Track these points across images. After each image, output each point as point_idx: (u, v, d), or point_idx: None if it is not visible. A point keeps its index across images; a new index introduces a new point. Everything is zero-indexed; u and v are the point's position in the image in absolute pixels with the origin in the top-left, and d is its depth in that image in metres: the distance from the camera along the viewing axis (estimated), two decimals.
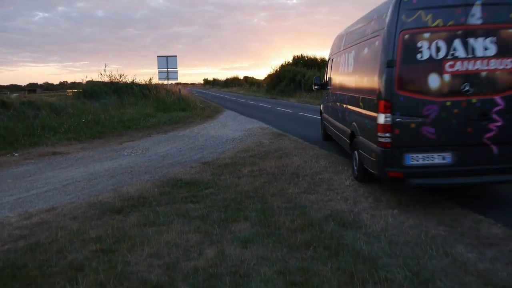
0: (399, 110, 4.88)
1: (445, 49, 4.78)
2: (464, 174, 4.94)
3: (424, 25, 4.80)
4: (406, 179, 4.94)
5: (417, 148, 4.91)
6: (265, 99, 34.85)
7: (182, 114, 18.99)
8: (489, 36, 4.75)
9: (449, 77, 4.78)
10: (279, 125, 14.39)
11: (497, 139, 4.83)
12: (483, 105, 4.79)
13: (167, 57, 28.30)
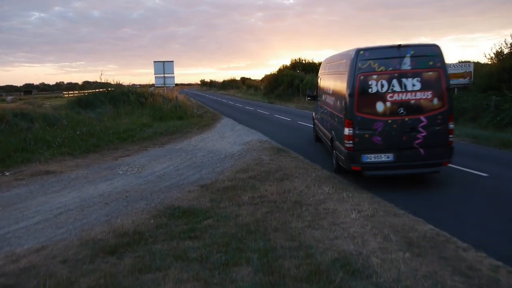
0: (357, 125, 7.32)
1: (386, 85, 7.18)
2: (401, 167, 7.41)
3: (373, 70, 7.24)
4: (363, 171, 7.44)
5: (370, 150, 7.33)
6: (263, 103, 34.56)
7: (179, 123, 18.66)
8: (415, 77, 7.17)
9: (389, 104, 7.21)
10: (279, 137, 14.10)
11: (423, 144, 7.25)
12: (413, 122, 7.20)
13: (164, 62, 28.02)
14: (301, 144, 12.79)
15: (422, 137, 7.22)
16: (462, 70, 16.27)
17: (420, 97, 7.20)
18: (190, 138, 15.15)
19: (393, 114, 7.18)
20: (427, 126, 7.21)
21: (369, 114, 7.26)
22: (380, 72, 7.21)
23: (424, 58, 7.28)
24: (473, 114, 14.19)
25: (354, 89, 7.27)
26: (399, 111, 7.17)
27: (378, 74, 7.21)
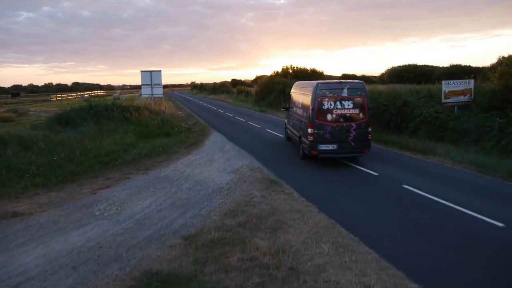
0: (316, 127, 11.89)
1: (333, 104, 11.83)
2: (340, 153, 12.14)
3: (325, 95, 11.91)
4: (318, 155, 12.09)
5: (322, 142, 11.89)
6: (254, 112, 33.69)
7: (166, 141, 17.73)
8: (350, 100, 11.83)
9: (334, 115, 11.87)
10: (270, 162, 13.24)
11: (353, 140, 11.85)
12: (348, 126, 11.82)
13: (151, 71, 27.11)
14: (295, 172, 11.96)
15: (353, 135, 12.08)
16: (462, 87, 15.55)
17: (352, 112, 12.10)
18: (176, 161, 14.24)
19: (337, 121, 12.11)
20: (356, 129, 12.08)
21: (323, 121, 12.13)
22: (330, 96, 12.13)
23: (355, 90, 12.20)
24: (475, 136, 13.47)
25: (315, 106, 12.16)
26: (340, 120, 12.11)
27: (328, 98, 12.11)
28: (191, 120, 28.83)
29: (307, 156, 12.99)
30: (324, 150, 12.17)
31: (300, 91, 14.72)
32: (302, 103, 13.76)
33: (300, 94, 14.53)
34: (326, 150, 12.18)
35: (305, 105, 13.20)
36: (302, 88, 14.55)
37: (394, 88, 21.05)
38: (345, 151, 12.26)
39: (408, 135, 16.12)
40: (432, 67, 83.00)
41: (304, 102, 13.37)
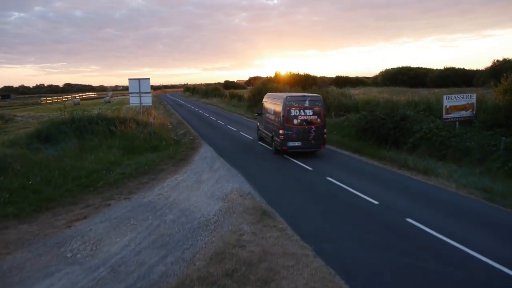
0: (285, 129, 15.50)
1: (298, 112, 15.61)
2: (304, 148, 15.83)
3: (292, 105, 15.72)
4: (287, 150, 15.80)
5: (290, 141, 15.54)
6: (246, 120, 32.83)
7: (153, 156, 16.82)
8: (310, 109, 15.68)
9: (299, 120, 15.65)
10: (263, 186, 12.38)
11: (313, 138, 15.68)
12: (309, 128, 15.62)
13: (139, 80, 26.23)
14: (290, 201, 11.09)
15: (312, 135, 15.66)
16: (464, 101, 14.79)
17: (312, 118, 15.73)
18: (163, 182, 13.36)
19: (301, 125, 15.67)
20: (315, 130, 15.69)
21: (290, 124, 15.63)
22: (295, 106, 15.72)
23: (314, 101, 15.92)
24: (479, 155, 12.71)
25: (285, 113, 15.65)
26: (303, 124, 15.68)
27: (294, 107, 15.68)
28: (181, 129, 27.92)
29: (278, 151, 16.92)
30: (291, 146, 15.96)
31: (272, 101, 18.44)
32: (274, 110, 17.42)
33: (272, 103, 18.17)
34: (293, 146, 15.98)
35: (276, 112, 16.94)
36: (273, 99, 18.34)
37: (392, 99, 20.23)
38: (307, 147, 16.11)
39: (407, 151, 15.35)
40: (426, 69, 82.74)
41: (276, 110, 17.03)
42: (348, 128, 20.24)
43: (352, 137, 19.18)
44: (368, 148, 16.80)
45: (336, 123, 22.21)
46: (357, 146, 17.39)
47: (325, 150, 17.82)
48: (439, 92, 49.19)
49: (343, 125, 20.90)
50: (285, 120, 15.78)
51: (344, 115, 22.41)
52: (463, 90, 45.81)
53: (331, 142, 19.39)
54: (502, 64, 52.27)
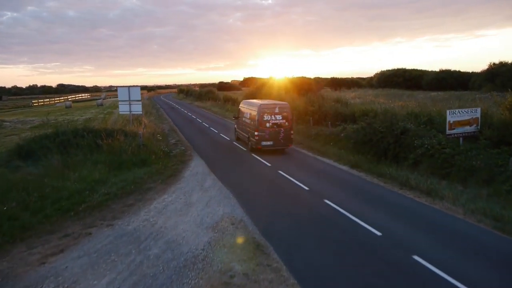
0: (259, 131, 18.97)
1: (270, 117, 19.13)
2: (275, 146, 19.34)
3: (265, 111, 19.22)
4: (261, 148, 19.20)
5: (264, 140, 19.04)
6: None
7: (141, 172, 15.97)
8: (280, 115, 19.25)
9: (271, 124, 19.14)
10: (257, 211, 11.55)
11: (282, 139, 19.26)
12: (279, 130, 19.15)
13: (129, 87, 25.42)
14: (284, 225, 10.28)
15: (282, 136, 18.81)
16: (468, 116, 14.05)
17: (281, 122, 18.87)
18: (150, 204, 12.53)
19: (272, 127, 18.76)
20: (283, 132, 18.83)
21: (264, 127, 18.72)
22: (268, 112, 18.85)
23: (283, 108, 19.22)
24: (486, 175, 11.97)
25: (259, 118, 18.71)
26: (274, 126, 18.80)
27: (267, 113, 18.79)
28: (172, 137, 27.04)
29: (254, 149, 19.93)
30: (264, 145, 19.35)
31: (248, 107, 21.53)
32: (250, 115, 20.50)
33: (248, 109, 21.27)
34: (266, 145, 19.34)
35: (252, 116, 20.07)
36: (249, 105, 21.44)
37: (390, 110, 19.45)
38: (277, 146, 19.48)
39: (408, 167, 14.59)
40: (421, 71, 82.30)
41: (252, 115, 20.17)
42: (346, 140, 19.46)
43: (349, 149, 18.40)
44: (366, 163, 16.02)
45: (332, 133, 21.41)
46: (355, 161, 16.60)
47: (323, 165, 17.09)
48: (436, 95, 48.72)
49: (340, 137, 20.11)
50: (259, 123, 19.23)
51: (341, 125, 21.63)
52: (460, 94, 45.29)
53: (328, 155, 18.63)
54: (499, 67, 51.84)
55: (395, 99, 46.69)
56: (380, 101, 42.93)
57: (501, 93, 44.22)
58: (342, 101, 34.10)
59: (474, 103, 35.04)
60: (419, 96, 47.35)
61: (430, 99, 42.98)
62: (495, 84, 50.85)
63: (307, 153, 19.93)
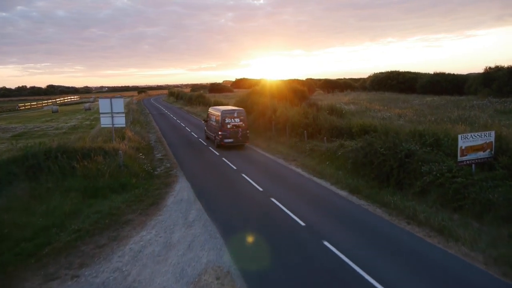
0: (222, 131, 24.43)
1: (230, 120, 24.51)
2: (234, 143, 24.73)
3: (226, 116, 24.60)
4: (225, 144, 24.57)
5: (226, 138, 24.52)
6: None
7: (119, 200, 14.46)
8: (237, 118, 24.71)
9: (231, 125, 24.55)
10: (248, 259, 10.06)
11: (240, 137, 24.67)
12: (237, 130, 24.63)
13: (111, 98, 23.88)
14: (280, 280, 8.79)
15: (240, 135, 24.28)
16: (481, 140, 12.61)
17: (239, 124, 24.41)
18: (125, 245, 11.03)
19: (232, 128, 24.28)
20: (241, 131, 24.35)
21: (225, 128, 24.15)
22: (228, 116, 24.28)
23: (240, 113, 24.81)
24: (505, 212, 10.56)
25: (222, 121, 24.13)
26: (233, 127, 24.31)
27: (228, 117, 24.25)
28: (158, 151, 25.47)
29: (219, 146, 25.01)
30: (226, 142, 24.31)
31: (214, 111, 26.85)
32: (216, 118, 25.63)
33: (214, 113, 26.52)
34: (228, 142, 24.32)
35: (217, 119, 25.10)
36: (215, 111, 26.76)
37: (392, 127, 18.01)
38: (236, 142, 24.48)
39: (414, 196, 13.18)
40: (414, 73, 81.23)
41: (217, 118, 25.25)
42: (343, 158, 18.00)
43: (348, 170, 16.96)
44: (367, 188, 14.61)
45: (328, 150, 19.92)
46: (354, 185, 15.16)
47: (320, 189, 15.69)
48: (432, 101, 47.54)
49: (337, 155, 18.63)
50: (222, 125, 24.41)
51: (337, 141, 20.20)
52: (457, 100, 44.11)
53: (325, 177, 17.18)
54: (495, 72, 50.85)
55: (391, 104, 45.50)
56: (376, 108, 41.66)
57: (499, 99, 43.30)
58: (337, 110, 32.77)
59: (473, 111, 33.96)
60: (414, 102, 46.17)
61: (426, 105, 41.80)
62: (492, 89, 49.86)
63: (302, 172, 18.45)
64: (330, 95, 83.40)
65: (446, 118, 29.83)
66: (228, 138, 24.51)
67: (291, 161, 20.80)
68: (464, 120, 27.91)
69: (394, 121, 29.94)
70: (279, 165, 20.11)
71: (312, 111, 25.53)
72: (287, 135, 25.92)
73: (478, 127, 25.09)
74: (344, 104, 48.66)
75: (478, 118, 28.87)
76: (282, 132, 26.82)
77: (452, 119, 28.73)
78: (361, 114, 36.59)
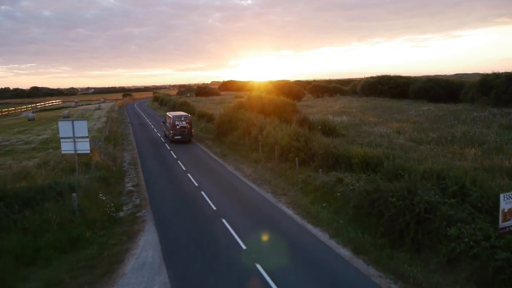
0: (173, 130, 34.91)
1: (179, 122, 35.02)
2: (182, 139, 35.03)
3: (176, 119, 35.06)
4: (175, 140, 34.93)
5: (176, 136, 34.91)
6: (213, 159, 27.42)
7: (64, 267, 11.39)
8: (184, 121, 35.24)
9: (180, 126, 34.91)
10: None
11: (186, 134, 35.15)
12: (184, 130, 34.99)
13: (73, 121, 20.71)
14: None
15: (186, 133, 34.98)
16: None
17: (185, 125, 34.94)
18: None
19: (180, 128, 34.73)
20: (187, 131, 35.00)
21: (175, 128, 34.62)
22: (177, 120, 34.87)
23: (186, 117, 35.70)
24: None
25: (173, 123, 34.66)
26: (181, 128, 34.78)
27: (177, 120, 34.84)
28: (130, 179, 22.36)
29: (172, 141, 34.55)
30: (176, 138, 34.01)
31: (169, 115, 36.61)
32: (169, 121, 35.23)
33: (169, 117, 36.12)
34: (177, 139, 33.98)
35: (170, 122, 34.73)
36: (169, 115, 36.61)
37: (401, 164, 15.13)
38: (183, 139, 34.21)
39: (438, 266, 10.33)
40: (406, 78, 78.86)
41: (170, 121, 34.75)
42: (343, 199, 15.12)
43: (348, 216, 14.09)
44: (376, 249, 11.74)
45: (324, 185, 16.97)
46: (360, 242, 12.27)
47: (317, 245, 12.67)
48: (428, 111, 44.96)
49: (336, 194, 15.71)
50: (173, 126, 34.03)
51: (334, 173, 17.32)
52: (454, 110, 41.63)
53: (321, 224, 14.24)
54: (493, 79, 48.58)
55: (385, 115, 42.87)
56: (370, 119, 38.96)
57: (499, 110, 40.95)
58: (330, 126, 30.02)
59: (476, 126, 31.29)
60: (410, 112, 43.49)
61: (424, 116, 39.23)
62: (489, 97, 47.60)
63: (293, 215, 15.47)
64: (319, 100, 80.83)
65: (450, 135, 27.26)
66: (178, 135, 34.78)
67: (281, 196, 17.85)
68: (470, 140, 25.39)
69: (394, 139, 27.32)
70: (267, 203, 17.12)
71: (304, 132, 22.58)
72: (276, 159, 22.97)
73: (489, 149, 22.56)
74: (335, 114, 45.97)
75: (485, 136, 26.36)
76: (270, 154, 23.89)
77: (457, 138, 26.17)
78: (355, 128, 33.89)
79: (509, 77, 47.35)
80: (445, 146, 24.35)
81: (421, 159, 21.13)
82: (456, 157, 21.19)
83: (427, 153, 22.27)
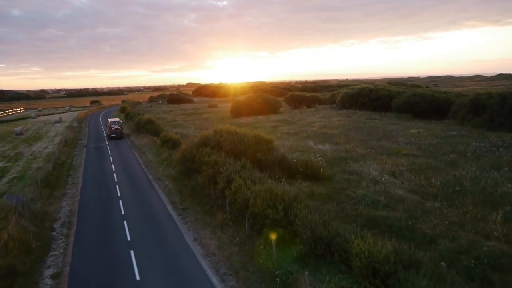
0: (110, 130, 57.07)
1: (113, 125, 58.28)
2: (116, 137, 56.51)
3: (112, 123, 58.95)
4: (111, 138, 56.41)
5: (112, 134, 56.52)
6: (169, 214, 21.96)
7: None
8: (116, 124, 58.41)
9: (114, 128, 57.09)
10: None
11: (118, 133, 56.94)
12: (116, 131, 56.89)
13: None
14: None
15: (119, 133, 56.85)
16: None
17: (118, 127, 57.25)
18: None
19: (114, 129, 56.88)
20: (119, 131, 56.94)
21: (111, 129, 56.86)
22: (112, 123, 58.33)
23: (118, 123, 59.00)
24: None
25: (110, 126, 57.62)
26: (115, 129, 57.00)
27: (111, 124, 58.07)
28: (51, 264, 16.71)
29: (110, 138, 56.00)
30: (112, 136, 56.01)
31: (109, 120, 62.46)
32: (108, 124, 59.00)
33: (108, 122, 60.38)
34: (113, 136, 56.03)
35: (109, 125, 58.09)
36: (109, 120, 61.95)
37: (410, 276, 10.23)
38: (117, 137, 56.12)
39: None
40: (388, 90, 74.91)
41: (108, 125, 58.46)
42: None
43: None
44: None
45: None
46: None
47: None
48: (417, 134, 40.71)
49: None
50: (109, 128, 56.71)
51: (326, 277, 12.23)
52: (448, 136, 37.31)
53: None
54: (486, 99, 44.67)
55: (372, 141, 38.29)
56: (357, 151, 34.13)
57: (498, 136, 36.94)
58: (314, 167, 25.06)
59: (484, 166, 26.80)
60: (399, 139, 38.79)
61: (415, 144, 34.75)
62: (482, 118, 43.68)
63: None
64: (297, 113, 76.05)
65: (457, 183, 22.68)
66: (113, 134, 55.02)
67: None
68: (482, 191, 20.99)
69: (392, 189, 22.54)
70: None
71: (283, 193, 17.37)
72: (246, 230, 17.75)
73: None
74: (316, 137, 41.19)
75: (499, 184, 21.93)
76: (241, 219, 18.67)
77: (467, 189, 21.61)
78: (341, 165, 28.97)
79: (502, 97, 43.53)
80: (456, 201, 19.77)
81: (435, 236, 16.40)
82: (477, 227, 16.60)
83: (438, 219, 17.57)
